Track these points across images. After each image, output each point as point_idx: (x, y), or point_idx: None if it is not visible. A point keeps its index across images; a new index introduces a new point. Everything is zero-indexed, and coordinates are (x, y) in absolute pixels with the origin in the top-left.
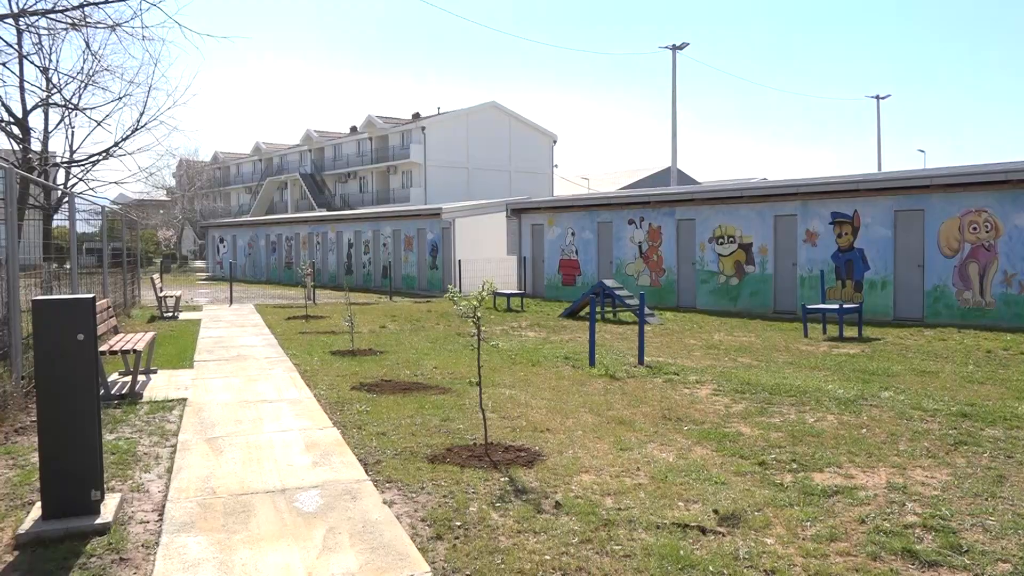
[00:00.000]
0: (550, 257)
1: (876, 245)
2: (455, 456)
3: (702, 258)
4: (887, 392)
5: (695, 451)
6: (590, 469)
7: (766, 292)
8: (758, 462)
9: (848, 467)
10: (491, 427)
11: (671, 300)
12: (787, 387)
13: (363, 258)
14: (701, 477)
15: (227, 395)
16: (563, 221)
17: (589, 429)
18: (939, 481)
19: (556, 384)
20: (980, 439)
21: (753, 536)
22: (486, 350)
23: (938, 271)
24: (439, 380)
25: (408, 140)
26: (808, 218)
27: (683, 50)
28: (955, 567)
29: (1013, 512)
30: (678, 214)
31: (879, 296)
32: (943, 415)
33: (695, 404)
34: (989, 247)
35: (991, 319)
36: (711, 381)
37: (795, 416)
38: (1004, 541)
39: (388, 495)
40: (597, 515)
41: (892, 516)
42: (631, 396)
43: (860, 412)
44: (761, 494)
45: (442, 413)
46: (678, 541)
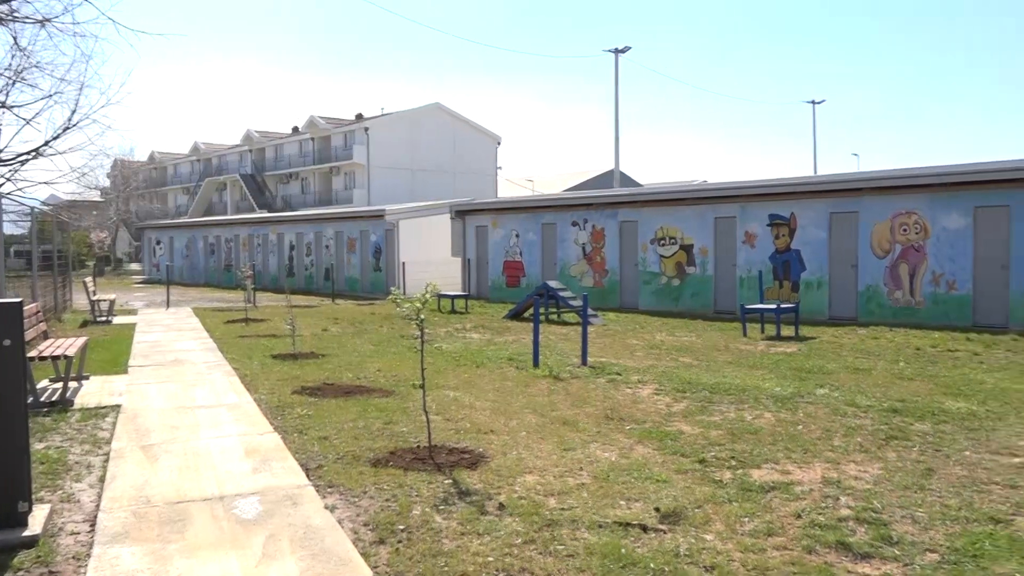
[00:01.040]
0: (494, 259)
1: (812, 246)
2: (398, 459)
3: (644, 259)
4: (822, 389)
5: (637, 450)
6: (534, 470)
7: (707, 293)
8: (698, 460)
9: (785, 463)
10: (435, 429)
11: (614, 301)
12: (727, 386)
13: (305, 260)
14: (643, 476)
15: (163, 401)
16: (507, 223)
17: (533, 430)
18: (871, 475)
19: (500, 385)
20: (910, 434)
21: (693, 533)
22: (430, 352)
23: (871, 271)
24: (382, 383)
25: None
26: (747, 220)
27: (625, 53)
28: (886, 558)
29: (941, 504)
30: (621, 216)
31: (815, 296)
32: (875, 411)
33: (637, 404)
34: (918, 248)
35: (920, 318)
36: (653, 381)
37: (734, 414)
38: (932, 532)
39: (330, 500)
40: (540, 515)
41: (826, 510)
42: (574, 396)
43: (796, 409)
44: (701, 491)
45: (385, 416)
46: (620, 540)
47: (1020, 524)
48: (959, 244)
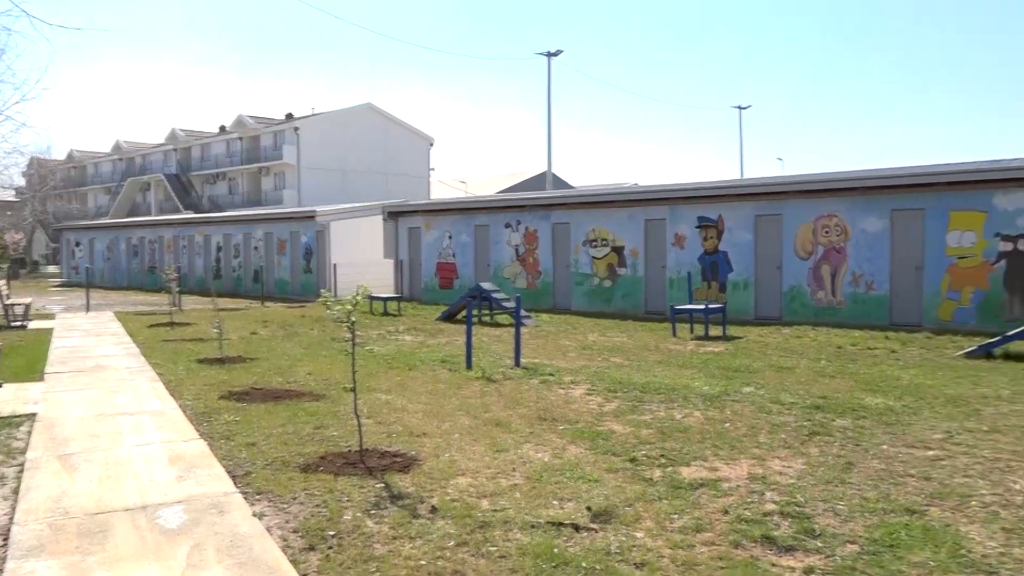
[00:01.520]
0: (427, 260)
1: (739, 248)
2: (329, 464)
3: (577, 261)
4: (748, 388)
5: (569, 450)
6: (466, 472)
7: (637, 293)
8: (629, 459)
9: (713, 460)
10: (367, 433)
11: (547, 302)
12: (657, 385)
13: (233, 262)
14: (575, 475)
15: (83, 409)
16: (440, 224)
17: (466, 432)
18: (795, 470)
19: (433, 388)
20: (831, 429)
21: (624, 531)
22: (362, 355)
23: (794, 272)
24: (313, 387)
25: (281, 141)
26: (676, 222)
27: (557, 57)
28: (809, 550)
29: (860, 496)
30: (554, 218)
31: (741, 296)
32: (799, 408)
33: (570, 404)
34: (840, 250)
35: (842, 317)
36: (585, 381)
37: (664, 413)
38: (852, 524)
39: (258, 507)
40: (473, 517)
41: (752, 505)
42: (507, 398)
43: (724, 407)
44: (632, 489)
45: (316, 420)
46: (552, 539)
47: (934, 514)
48: (877, 246)
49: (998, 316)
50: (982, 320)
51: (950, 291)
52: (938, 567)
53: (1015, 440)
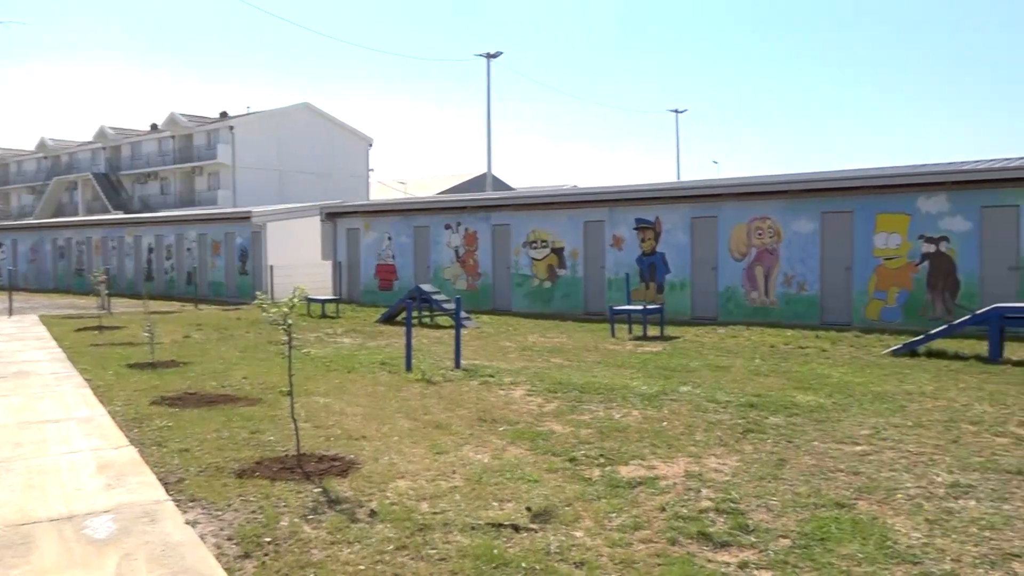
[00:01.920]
0: (366, 262)
1: (675, 249)
2: (265, 469)
3: (517, 262)
4: (685, 387)
5: (510, 451)
6: (406, 474)
7: (577, 294)
8: (569, 459)
9: (651, 459)
10: (304, 437)
11: (487, 304)
12: (596, 385)
13: (165, 264)
14: (515, 476)
15: (5, 416)
16: (380, 226)
17: (405, 434)
18: (730, 467)
19: (372, 390)
20: (765, 427)
21: (564, 530)
22: (299, 358)
23: (729, 273)
24: (248, 391)
25: (215, 140)
26: (615, 224)
27: (497, 58)
28: (743, 545)
29: (792, 492)
30: (494, 219)
31: (679, 297)
32: (734, 406)
33: (510, 405)
34: (772, 251)
35: (775, 317)
36: (525, 382)
37: (603, 413)
38: (784, 519)
39: (191, 515)
40: (413, 520)
41: (689, 502)
42: (448, 399)
43: (662, 406)
44: (571, 489)
45: (251, 425)
46: (492, 540)
47: (862, 508)
48: (808, 247)
49: (922, 315)
50: (907, 319)
51: (877, 291)
52: (866, 559)
53: (937, 434)
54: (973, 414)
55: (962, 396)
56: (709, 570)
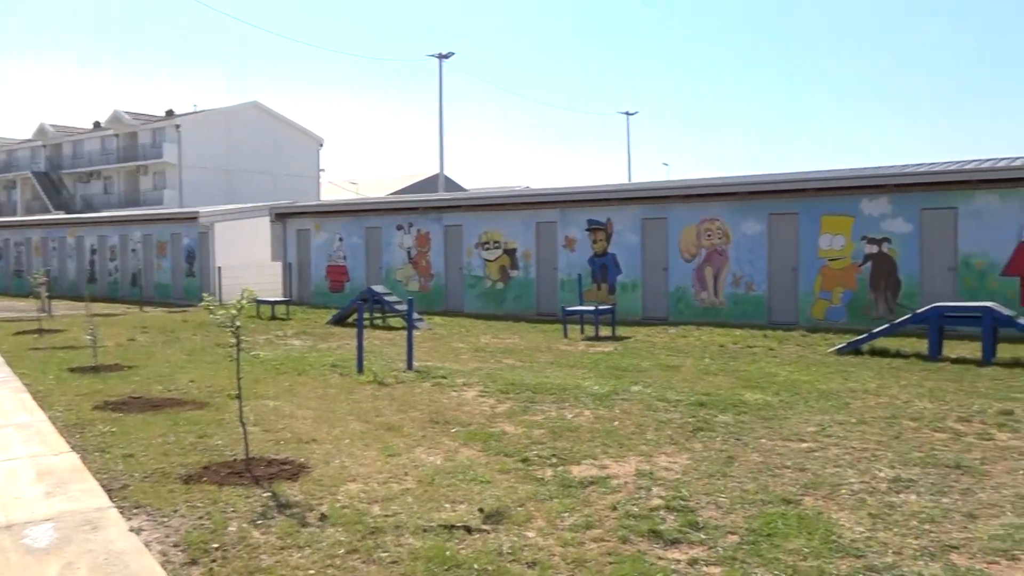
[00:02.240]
0: (317, 263)
1: (627, 250)
2: (213, 474)
3: (469, 263)
4: (637, 386)
5: (462, 452)
6: (357, 477)
7: (529, 295)
8: (521, 459)
9: (602, 458)
10: (253, 441)
11: (440, 305)
12: (548, 386)
13: (109, 265)
14: (467, 477)
15: None
16: (330, 226)
17: (357, 437)
18: (680, 465)
19: (323, 393)
20: (714, 425)
21: (516, 531)
22: (248, 361)
23: (679, 274)
24: (195, 394)
25: (161, 139)
26: (567, 225)
27: (449, 59)
28: (693, 543)
29: (740, 489)
30: (446, 220)
31: (630, 297)
32: (684, 405)
33: (462, 406)
34: (721, 252)
35: (724, 317)
36: (478, 383)
37: (555, 413)
38: (733, 516)
39: (136, 522)
40: (364, 524)
41: (640, 501)
42: (400, 401)
43: (613, 406)
44: (523, 490)
45: (198, 429)
46: (445, 542)
47: (808, 503)
48: (756, 248)
49: (865, 314)
50: (851, 318)
51: (822, 291)
52: (811, 553)
53: (880, 431)
54: (914, 410)
55: (903, 393)
56: (659, 567)
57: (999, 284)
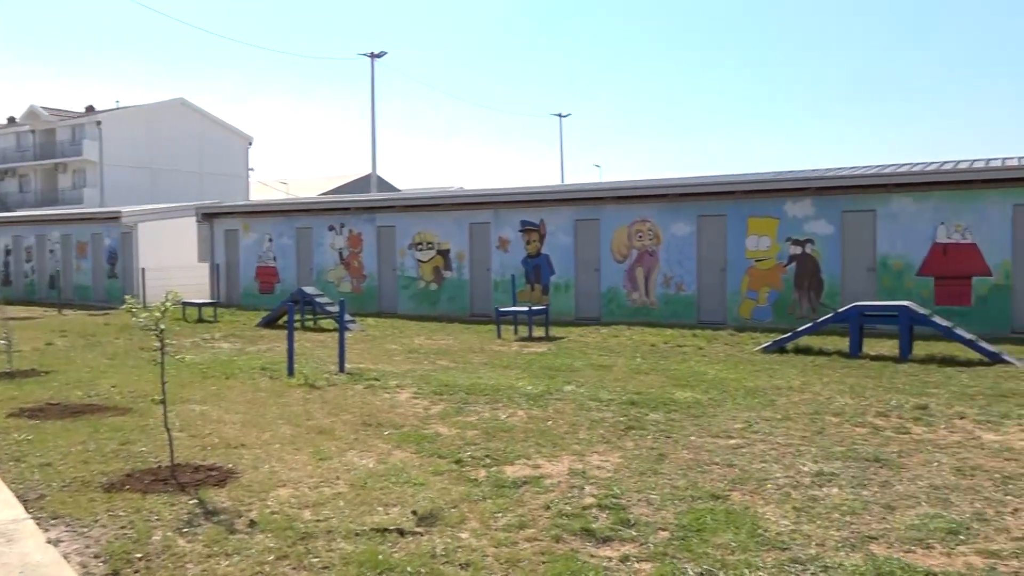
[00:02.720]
0: (246, 264)
1: (560, 251)
2: (136, 482)
3: (402, 264)
4: (570, 386)
5: (395, 455)
6: (287, 482)
7: (463, 296)
8: (455, 460)
9: (536, 458)
10: (179, 447)
11: (373, 306)
12: (482, 386)
13: (24, 267)
14: (400, 480)
15: None
16: (260, 227)
17: (287, 441)
18: (612, 464)
19: (252, 397)
20: (645, 423)
21: (449, 533)
22: (173, 364)
23: (611, 275)
24: (118, 400)
25: (80, 135)
26: (500, 226)
27: (381, 58)
28: (625, 540)
29: (671, 486)
30: (378, 221)
31: (563, 298)
32: (616, 404)
33: (395, 408)
34: (652, 253)
35: (655, 317)
36: (411, 385)
37: (489, 414)
38: (664, 512)
39: (54, 533)
40: (295, 529)
41: (573, 499)
42: (331, 404)
43: (547, 406)
44: (457, 491)
45: (121, 436)
46: (377, 546)
47: (735, 498)
48: (686, 249)
49: (790, 314)
50: (777, 318)
51: (749, 291)
52: (739, 547)
53: (804, 426)
54: (836, 406)
55: (826, 390)
56: (592, 565)
57: (915, 284)
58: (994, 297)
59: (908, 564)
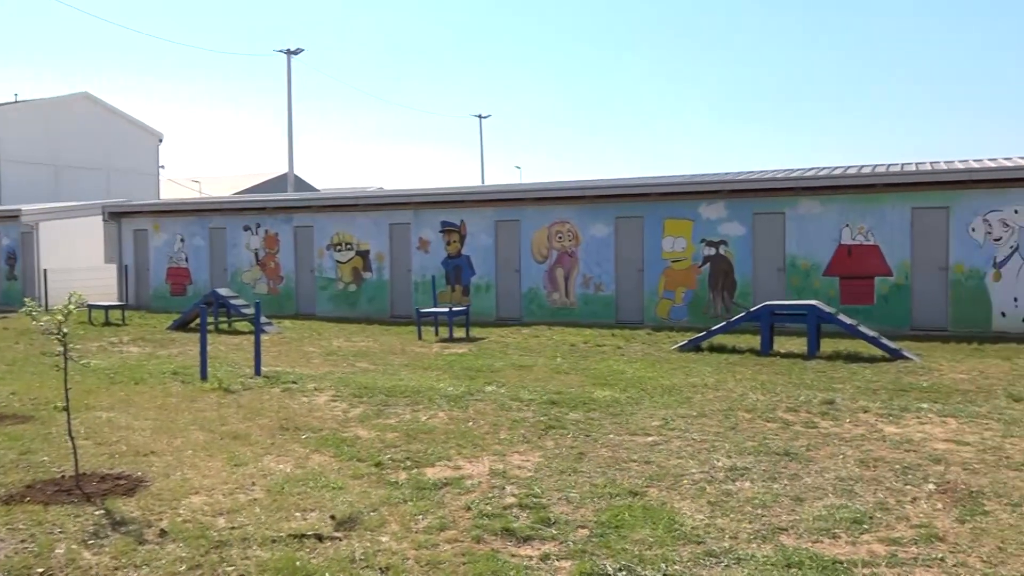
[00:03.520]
0: (156, 265)
1: (480, 252)
2: (38, 493)
3: (321, 265)
4: (491, 387)
5: (313, 459)
6: (200, 490)
7: (383, 298)
8: (375, 463)
9: (457, 459)
10: (84, 456)
11: (290, 308)
12: (403, 388)
13: None
14: (319, 484)
15: None
16: (171, 227)
17: (200, 447)
18: (533, 463)
19: (163, 402)
20: (565, 422)
21: (369, 536)
22: (78, 370)
23: (532, 275)
24: (17, 408)
25: None
26: (421, 226)
27: (298, 55)
28: (545, 538)
29: (590, 483)
30: (296, 221)
31: (484, 299)
32: (536, 404)
33: (313, 412)
34: (572, 254)
35: (575, 317)
36: (330, 387)
37: (410, 416)
38: (583, 510)
39: None
40: (208, 538)
41: (494, 500)
42: (247, 409)
43: (467, 407)
44: (377, 494)
45: (21, 445)
46: (295, 552)
47: (653, 495)
48: (604, 250)
49: (705, 313)
50: (692, 317)
51: (666, 291)
52: (656, 542)
53: (718, 423)
54: (748, 403)
55: (739, 387)
56: (512, 565)
57: (822, 283)
58: (895, 296)
59: (816, 554)
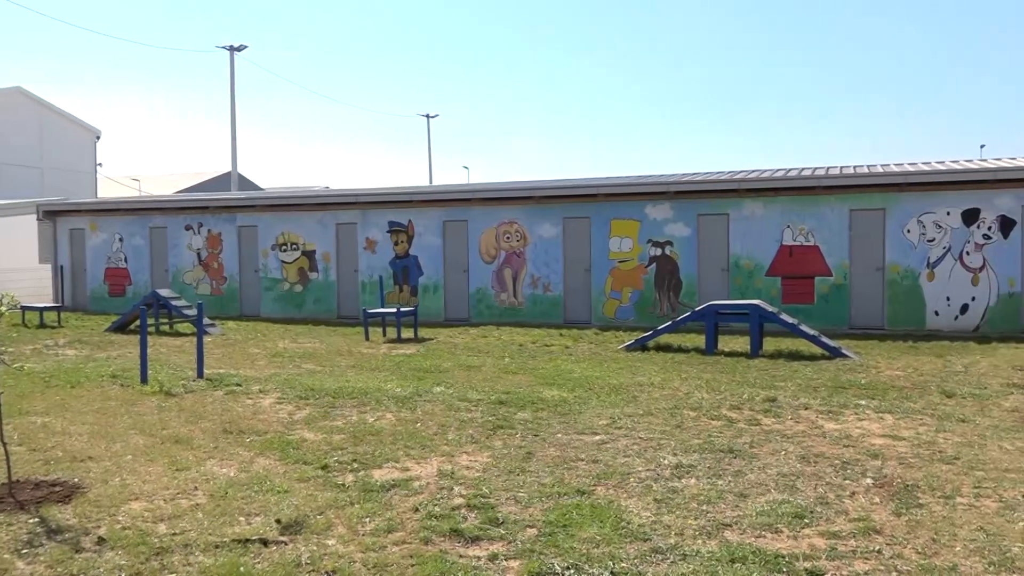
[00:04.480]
0: (94, 266)
1: (428, 252)
2: None
3: (265, 265)
4: (439, 387)
5: (258, 462)
6: (141, 495)
7: (330, 298)
8: (321, 466)
9: (405, 460)
10: (18, 462)
11: (234, 309)
12: (349, 390)
13: None
14: (264, 488)
15: None
16: (109, 226)
17: (140, 452)
18: (481, 463)
19: (101, 406)
20: (514, 422)
21: (315, 540)
22: (11, 373)
23: (480, 275)
24: None
25: None
26: (367, 226)
27: (242, 52)
28: (493, 539)
29: (538, 483)
30: (239, 220)
31: (432, 299)
32: (485, 404)
33: (258, 414)
34: (520, 254)
35: (523, 317)
36: (275, 390)
37: (357, 417)
38: (531, 510)
39: None
40: (148, 544)
41: (442, 501)
42: (189, 412)
43: (415, 408)
44: (323, 497)
45: None
46: (239, 558)
47: (600, 493)
48: (552, 251)
49: (651, 313)
50: (639, 317)
51: (613, 291)
52: (603, 540)
53: (664, 421)
54: (693, 401)
55: (684, 385)
56: (460, 565)
57: (764, 283)
58: (834, 295)
59: (759, 548)
